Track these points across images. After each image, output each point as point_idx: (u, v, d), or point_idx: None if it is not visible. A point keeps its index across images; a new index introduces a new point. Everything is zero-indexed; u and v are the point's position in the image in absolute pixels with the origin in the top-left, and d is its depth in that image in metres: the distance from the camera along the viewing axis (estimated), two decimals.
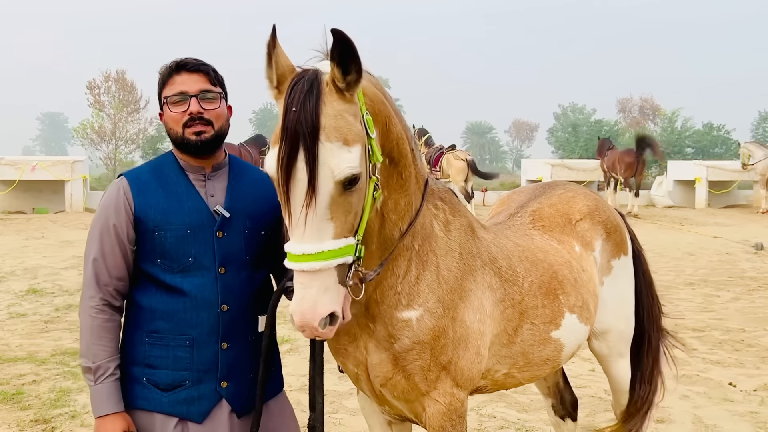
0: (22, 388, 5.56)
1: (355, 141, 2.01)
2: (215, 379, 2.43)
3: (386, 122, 2.26)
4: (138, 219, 2.39)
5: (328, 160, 1.97)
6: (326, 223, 2.00)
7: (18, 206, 21.49)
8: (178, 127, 2.40)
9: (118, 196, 2.41)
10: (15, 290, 9.49)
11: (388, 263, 2.37)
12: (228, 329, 2.43)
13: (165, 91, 2.43)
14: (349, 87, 2.03)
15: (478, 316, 2.56)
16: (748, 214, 21.52)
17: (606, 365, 3.59)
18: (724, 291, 9.66)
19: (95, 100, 34.04)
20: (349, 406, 5.18)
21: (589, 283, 3.17)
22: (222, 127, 2.45)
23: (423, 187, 2.50)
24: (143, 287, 2.44)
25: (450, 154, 19.98)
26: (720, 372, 6.09)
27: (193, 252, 2.39)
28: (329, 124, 1.98)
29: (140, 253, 2.41)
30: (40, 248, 13.48)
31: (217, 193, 2.48)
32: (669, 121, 46.97)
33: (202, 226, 2.41)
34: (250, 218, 2.49)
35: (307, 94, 1.97)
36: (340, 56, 1.98)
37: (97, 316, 2.38)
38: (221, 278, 2.42)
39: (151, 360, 2.41)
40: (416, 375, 2.43)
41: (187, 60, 2.44)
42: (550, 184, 3.60)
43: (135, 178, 2.45)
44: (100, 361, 2.36)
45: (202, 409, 2.41)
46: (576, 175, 23.43)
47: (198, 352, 2.40)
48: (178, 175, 2.47)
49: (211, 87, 2.42)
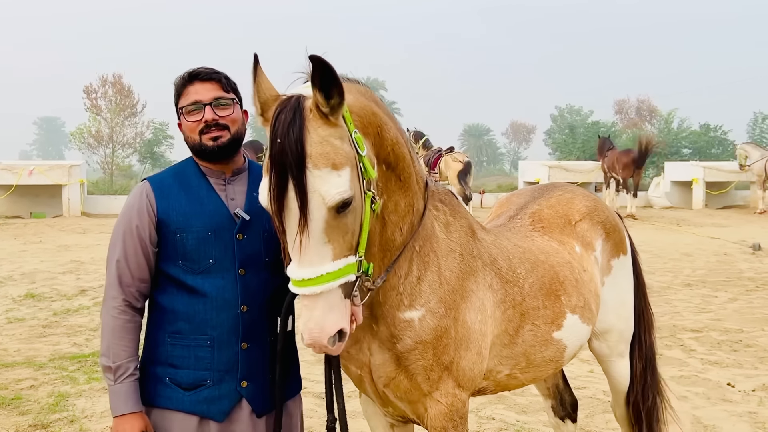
0: (21, 392, 5.55)
1: (344, 164, 2.04)
2: (236, 378, 2.47)
3: (379, 131, 2.28)
4: (160, 221, 2.44)
5: (318, 187, 1.99)
6: (324, 246, 2.04)
7: (15, 211, 21.45)
8: (195, 135, 2.46)
9: (141, 199, 2.46)
10: (13, 295, 9.48)
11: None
12: (248, 330, 2.47)
13: (180, 102, 2.49)
14: (333, 111, 2.05)
15: (480, 316, 2.58)
16: (746, 215, 21.57)
17: (606, 365, 3.60)
18: (722, 292, 9.67)
19: (92, 104, 33.98)
20: (351, 409, 5.16)
21: (590, 284, 3.18)
22: (238, 131, 2.50)
23: (424, 189, 2.52)
24: (165, 289, 2.49)
25: (448, 156, 20.01)
26: (718, 372, 6.10)
27: (214, 254, 2.44)
28: (315, 152, 2.00)
29: (162, 255, 2.47)
30: (37, 253, 13.46)
31: (238, 197, 2.52)
32: (666, 122, 47.04)
33: (222, 229, 2.46)
34: (270, 221, 2.49)
35: (290, 124, 2.00)
36: (321, 82, 2.00)
37: (119, 316, 2.42)
38: (241, 279, 2.46)
39: (174, 360, 2.45)
40: (419, 375, 2.45)
41: (199, 70, 2.49)
42: (549, 186, 3.61)
43: (158, 182, 2.51)
44: (121, 361, 2.40)
45: (223, 408, 2.45)
46: (573, 176, 23.44)
47: (219, 352, 2.45)
48: (200, 180, 2.52)
49: (224, 94, 2.47)
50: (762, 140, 47.30)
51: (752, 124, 57.09)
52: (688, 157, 38.16)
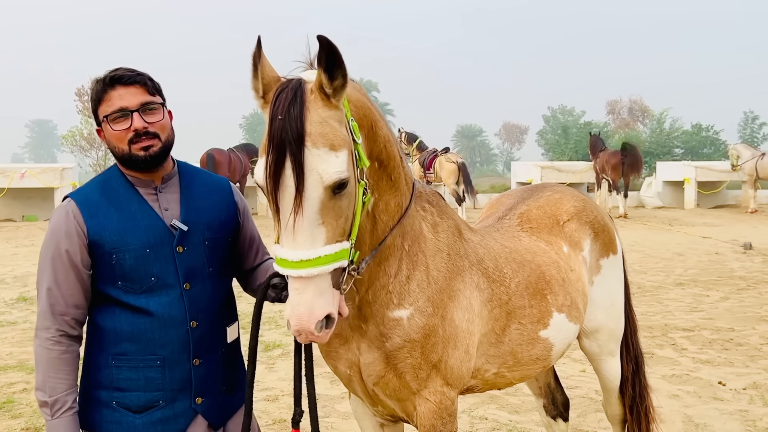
0: (13, 396, 5.54)
1: (342, 146, 2.04)
2: (190, 396, 2.37)
3: (372, 126, 2.29)
4: (92, 243, 2.27)
5: (316, 165, 1.99)
6: (318, 228, 2.03)
7: (7, 214, 21.38)
8: (124, 145, 2.28)
9: (68, 220, 2.27)
10: (5, 298, 9.44)
11: (380, 263, 2.40)
12: (199, 345, 2.37)
13: (102, 109, 2.30)
14: (335, 93, 2.06)
15: (467, 315, 2.60)
16: (737, 214, 21.66)
17: (597, 364, 3.62)
18: (713, 291, 9.72)
19: (84, 107, 33.87)
20: (341, 410, 5.18)
21: (577, 283, 3.20)
22: (168, 138, 2.36)
23: (411, 189, 2.53)
24: (105, 309, 2.33)
25: (442, 156, 20.06)
26: (709, 371, 6.13)
27: (155, 271, 2.30)
28: (315, 131, 2.00)
29: (98, 276, 2.31)
30: (29, 256, 13.40)
31: (171, 206, 2.38)
32: (657, 121, 47.25)
33: (160, 244, 2.31)
34: (209, 228, 2.42)
35: (292, 102, 1.99)
36: (327, 62, 2.00)
37: (53, 348, 2.26)
38: (187, 294, 2.34)
39: (120, 383, 2.31)
40: (407, 373, 2.46)
41: (120, 73, 2.30)
42: (538, 187, 3.63)
43: (83, 200, 2.32)
44: (58, 395, 2.25)
45: (179, 427, 2.36)
46: (566, 177, 23.49)
47: (170, 372, 2.33)
48: (128, 192, 2.35)
49: (151, 98, 2.31)
50: (753, 140, 47.56)
51: (743, 125, 57.40)
52: (680, 157, 38.38)
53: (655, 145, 40.27)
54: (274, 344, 7.04)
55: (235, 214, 2.54)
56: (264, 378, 5.89)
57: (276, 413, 5.11)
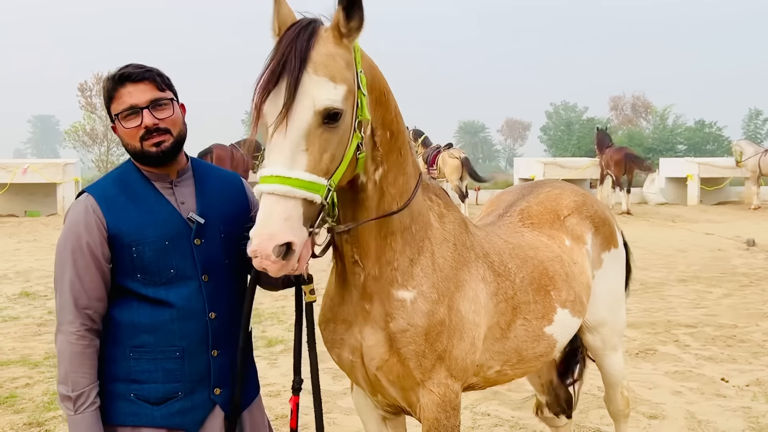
0: (16, 391, 5.56)
1: (342, 82, 2.06)
2: (208, 387, 2.39)
3: (384, 93, 2.31)
4: (112, 236, 2.28)
5: (311, 90, 2.01)
6: (300, 153, 2.02)
7: (10, 209, 21.39)
8: (136, 142, 2.30)
9: (88, 214, 2.29)
10: (7, 293, 9.47)
11: (385, 237, 2.40)
12: (217, 336, 2.39)
13: (113, 107, 2.32)
14: (349, 33, 2.09)
15: (473, 306, 2.59)
16: (740, 211, 21.62)
17: (600, 359, 3.62)
18: (716, 287, 9.71)
19: (87, 102, 33.88)
20: (344, 405, 5.18)
21: (581, 276, 3.20)
22: (180, 132, 2.37)
23: (418, 175, 2.54)
24: (122, 302, 2.34)
25: (445, 152, 20.02)
26: (712, 368, 6.13)
27: (174, 263, 2.32)
28: (319, 60, 2.03)
29: (117, 270, 2.32)
30: (32, 251, 13.44)
31: (187, 200, 2.41)
32: (661, 118, 47.17)
33: (179, 236, 2.34)
34: (224, 221, 2.44)
35: (302, 31, 2.04)
36: (347, 1, 2.04)
37: (77, 342, 2.27)
38: (206, 286, 2.37)
39: (138, 375, 2.32)
40: (411, 360, 2.45)
41: (129, 70, 2.31)
42: (538, 183, 3.64)
43: (101, 194, 2.34)
44: (81, 390, 2.26)
45: (197, 418, 2.38)
46: (568, 173, 23.44)
47: (189, 363, 2.35)
48: (145, 186, 2.38)
49: (160, 94, 2.31)
50: (756, 137, 47.45)
51: (747, 121, 57.30)
52: (683, 154, 38.29)
53: (658, 141, 40.24)
54: (277, 340, 7.04)
55: (247, 208, 2.56)
56: (266, 374, 5.89)
57: (278, 409, 5.11)
